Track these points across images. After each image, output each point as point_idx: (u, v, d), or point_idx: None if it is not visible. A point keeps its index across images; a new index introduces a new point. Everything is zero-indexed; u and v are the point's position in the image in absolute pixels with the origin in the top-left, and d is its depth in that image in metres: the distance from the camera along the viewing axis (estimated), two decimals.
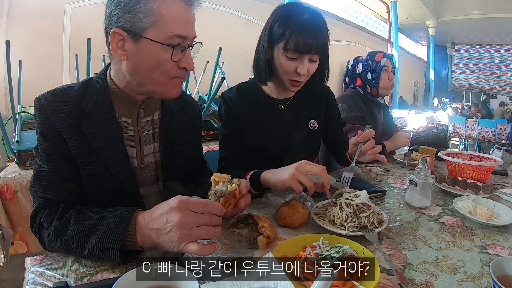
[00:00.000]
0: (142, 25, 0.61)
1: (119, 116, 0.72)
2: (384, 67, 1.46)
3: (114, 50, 0.64)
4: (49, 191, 0.65)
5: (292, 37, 0.87)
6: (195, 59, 0.70)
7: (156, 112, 0.79)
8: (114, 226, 0.55)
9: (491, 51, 11.75)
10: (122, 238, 0.54)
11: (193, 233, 0.52)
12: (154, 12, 0.60)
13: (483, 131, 5.90)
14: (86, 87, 0.71)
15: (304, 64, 0.89)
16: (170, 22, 0.62)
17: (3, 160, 2.07)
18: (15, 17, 4.17)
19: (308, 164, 0.75)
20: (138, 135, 0.75)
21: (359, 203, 0.72)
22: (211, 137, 2.47)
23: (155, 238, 0.54)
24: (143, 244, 0.55)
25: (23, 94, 2.54)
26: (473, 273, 0.56)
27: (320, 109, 1.10)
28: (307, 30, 0.87)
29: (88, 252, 0.56)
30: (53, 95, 0.68)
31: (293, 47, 0.87)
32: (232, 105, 1.02)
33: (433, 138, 1.49)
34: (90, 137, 0.67)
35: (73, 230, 0.58)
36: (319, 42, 0.88)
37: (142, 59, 0.64)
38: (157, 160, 0.80)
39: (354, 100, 1.47)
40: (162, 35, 0.62)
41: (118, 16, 0.61)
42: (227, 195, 0.62)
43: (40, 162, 0.67)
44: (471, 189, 0.94)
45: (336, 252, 0.52)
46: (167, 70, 0.66)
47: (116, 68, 0.69)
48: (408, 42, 12.83)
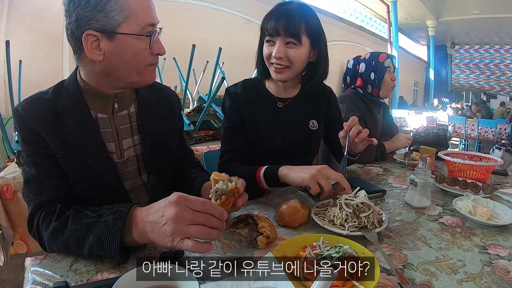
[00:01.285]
0: (115, 22, 0.63)
1: (94, 113, 0.73)
2: (387, 68, 1.46)
3: (90, 52, 0.64)
4: (40, 192, 0.66)
5: (265, 23, 0.94)
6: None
7: (131, 105, 0.80)
8: (112, 223, 0.55)
9: (491, 51, 11.74)
10: (121, 234, 0.54)
11: (187, 230, 0.52)
12: (124, 8, 0.63)
13: (483, 131, 5.90)
14: (59, 90, 0.72)
15: (277, 46, 0.93)
16: (140, 14, 0.65)
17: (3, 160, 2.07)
18: (15, 17, 4.18)
19: (330, 169, 0.79)
20: (115, 130, 0.76)
21: (359, 203, 0.72)
22: (211, 137, 2.47)
23: (150, 231, 0.53)
24: (140, 240, 0.55)
25: (23, 94, 2.54)
26: (473, 273, 0.56)
27: (321, 109, 1.10)
28: (277, 14, 0.92)
29: (88, 251, 0.56)
30: (28, 102, 0.69)
31: (266, 32, 0.94)
32: (237, 99, 1.03)
33: (433, 138, 1.49)
34: (67, 136, 0.68)
35: (72, 229, 0.58)
36: (289, 26, 0.91)
37: (120, 54, 0.66)
38: (137, 153, 0.80)
39: (353, 101, 1.47)
40: (136, 27, 0.65)
41: (88, 18, 0.62)
42: (228, 193, 0.63)
43: (27, 168, 0.68)
44: (471, 189, 0.94)
45: (336, 252, 0.52)
46: (144, 58, 0.68)
47: (88, 69, 0.69)
48: (408, 42, 12.84)
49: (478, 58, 12.07)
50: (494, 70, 11.63)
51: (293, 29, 0.91)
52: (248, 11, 6.99)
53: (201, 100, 3.24)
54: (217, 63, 3.11)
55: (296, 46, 0.93)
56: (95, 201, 0.67)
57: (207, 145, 2.23)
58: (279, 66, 0.95)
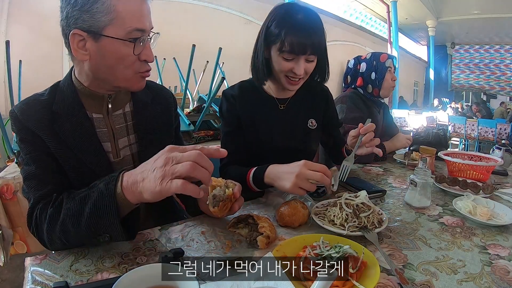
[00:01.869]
0: (100, 24, 0.62)
1: (89, 113, 0.73)
2: (388, 68, 1.47)
3: (76, 51, 0.64)
4: (40, 188, 0.66)
5: (287, 38, 0.87)
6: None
7: (127, 105, 0.80)
8: (104, 188, 0.56)
9: (491, 51, 11.74)
10: (115, 197, 0.54)
11: (174, 168, 0.52)
12: (111, 10, 0.62)
13: (483, 131, 5.90)
14: (55, 91, 0.72)
15: (300, 65, 0.89)
16: (127, 18, 0.63)
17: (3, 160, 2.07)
18: (15, 17, 4.18)
19: (308, 169, 0.75)
20: (111, 129, 0.76)
21: (359, 203, 0.72)
22: (211, 137, 2.46)
23: (141, 181, 0.54)
24: (131, 197, 0.55)
25: (23, 94, 2.54)
26: (473, 273, 0.56)
27: (319, 109, 1.10)
28: (301, 30, 0.86)
29: (85, 226, 0.56)
30: (25, 103, 0.70)
31: (288, 48, 0.87)
32: (234, 103, 1.02)
33: (433, 138, 1.49)
34: (64, 137, 0.68)
35: (66, 208, 0.59)
36: (314, 42, 0.88)
37: (104, 57, 0.65)
38: (133, 152, 0.81)
39: (353, 101, 1.47)
40: (121, 31, 0.64)
41: (76, 17, 0.62)
42: (225, 199, 0.63)
43: (26, 165, 0.68)
44: (471, 189, 0.94)
45: (336, 252, 0.52)
46: (129, 64, 0.67)
47: (79, 68, 0.70)
48: (408, 42, 12.83)
49: (478, 58, 12.07)
50: (494, 70, 11.63)
51: (319, 47, 0.89)
52: (248, 11, 6.98)
53: (201, 100, 3.23)
54: (217, 63, 3.12)
55: (313, 61, 0.92)
56: None
57: (207, 145, 2.23)
58: (295, 79, 0.93)
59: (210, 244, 0.65)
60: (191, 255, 0.61)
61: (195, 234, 0.69)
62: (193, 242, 0.66)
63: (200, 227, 0.73)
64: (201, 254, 0.61)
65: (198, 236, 0.69)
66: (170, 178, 0.51)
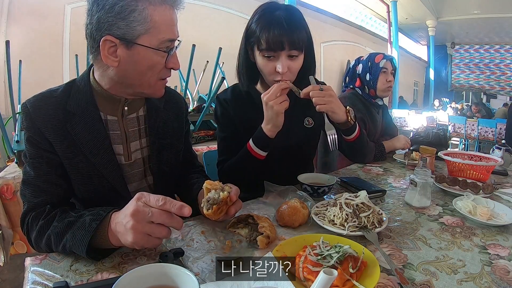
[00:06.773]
0: (135, 33, 0.62)
1: (104, 115, 0.73)
2: (383, 69, 1.46)
3: (106, 57, 0.64)
4: (37, 195, 0.67)
5: (262, 35, 0.86)
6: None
7: (140, 109, 0.80)
8: (88, 223, 0.57)
9: (491, 51, 11.72)
10: (93, 234, 0.55)
11: (143, 227, 0.53)
12: (147, 20, 0.62)
13: (483, 131, 5.89)
14: (70, 89, 0.72)
15: (281, 61, 0.87)
16: (161, 28, 0.64)
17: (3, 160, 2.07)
18: (15, 17, 4.17)
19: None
20: (124, 132, 0.76)
21: (359, 203, 0.72)
22: (211, 137, 2.46)
23: (119, 232, 0.55)
24: (115, 242, 0.56)
25: (23, 94, 2.54)
26: (473, 273, 0.56)
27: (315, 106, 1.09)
28: (276, 26, 0.85)
29: (62, 247, 0.58)
30: (38, 99, 0.69)
31: (265, 45, 0.86)
32: (227, 107, 1.02)
33: (433, 138, 1.49)
34: (76, 137, 0.68)
35: (54, 226, 0.60)
36: (294, 38, 0.86)
37: (135, 64, 0.65)
38: (144, 155, 0.81)
39: (352, 101, 1.48)
40: (155, 40, 0.64)
41: (110, 24, 0.61)
42: (220, 202, 0.63)
43: (28, 168, 0.69)
44: (471, 189, 0.94)
45: (336, 252, 0.52)
46: (157, 72, 0.68)
47: (102, 71, 0.70)
48: (408, 42, 12.82)
49: (478, 58, 12.05)
50: (494, 70, 11.62)
51: (299, 43, 0.87)
52: (248, 11, 6.87)
53: (201, 100, 3.23)
54: (217, 63, 3.11)
55: (297, 57, 0.90)
56: (98, 202, 0.68)
57: (207, 145, 2.23)
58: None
59: (210, 244, 0.65)
60: (191, 255, 0.61)
61: (195, 234, 0.69)
62: (193, 242, 0.66)
63: (200, 227, 0.73)
64: (201, 254, 0.61)
65: (198, 236, 0.69)
66: (140, 234, 0.53)
